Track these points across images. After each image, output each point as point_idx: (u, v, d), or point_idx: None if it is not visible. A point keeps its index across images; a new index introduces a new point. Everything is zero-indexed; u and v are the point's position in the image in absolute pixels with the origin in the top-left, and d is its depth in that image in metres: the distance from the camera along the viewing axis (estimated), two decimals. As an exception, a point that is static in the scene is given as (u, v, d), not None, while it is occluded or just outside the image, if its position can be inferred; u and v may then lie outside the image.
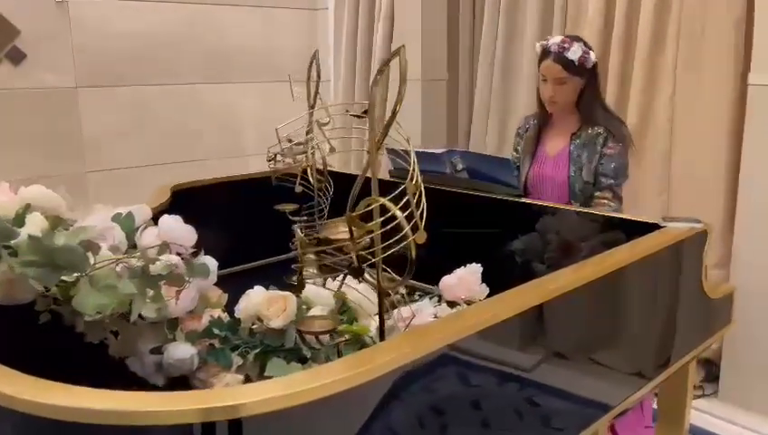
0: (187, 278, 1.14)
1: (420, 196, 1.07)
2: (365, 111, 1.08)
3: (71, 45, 3.59)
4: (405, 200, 1.03)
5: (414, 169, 1.08)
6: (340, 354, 1.22)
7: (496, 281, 1.64)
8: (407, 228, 1.03)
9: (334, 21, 4.30)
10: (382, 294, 1.10)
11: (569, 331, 1.36)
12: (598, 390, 1.45)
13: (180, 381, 1.41)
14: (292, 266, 1.10)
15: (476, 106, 3.59)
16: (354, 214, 1.01)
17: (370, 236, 1.02)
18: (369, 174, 1.13)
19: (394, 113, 1.05)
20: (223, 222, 2.10)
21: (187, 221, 1.75)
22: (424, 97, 3.49)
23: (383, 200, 1.06)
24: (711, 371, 2.81)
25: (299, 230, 1.07)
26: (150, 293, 1.06)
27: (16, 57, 3.45)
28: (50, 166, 3.60)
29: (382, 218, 1.02)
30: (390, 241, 1.04)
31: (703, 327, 1.73)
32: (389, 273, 1.16)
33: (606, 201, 2.17)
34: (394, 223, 1.04)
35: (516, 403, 1.25)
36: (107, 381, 1.44)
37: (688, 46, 2.75)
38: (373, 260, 1.06)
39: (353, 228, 1.01)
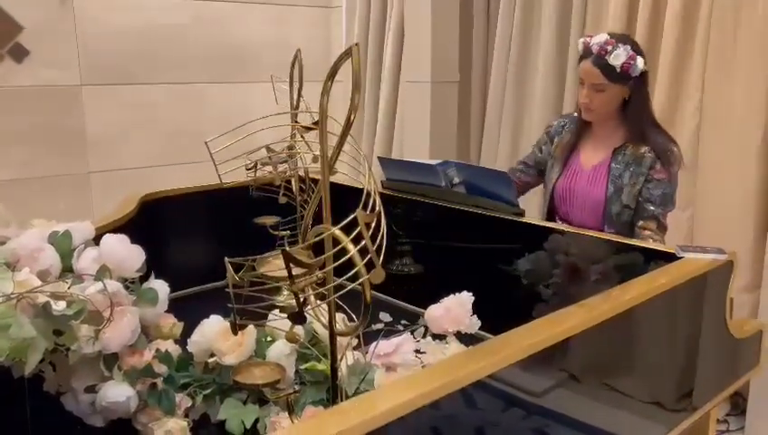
0: (110, 315, 0.96)
1: (379, 226, 0.88)
2: (315, 122, 0.90)
3: (75, 42, 3.49)
4: (356, 232, 0.84)
5: (373, 194, 0.90)
6: (290, 408, 1.04)
7: (494, 306, 1.48)
8: (360, 265, 0.85)
9: (346, 19, 4.16)
10: (334, 342, 0.92)
11: (577, 371, 1.18)
12: (620, 429, 1.27)
13: (122, 422, 1.26)
14: (228, 305, 0.93)
15: (489, 110, 3.39)
16: (293, 248, 0.83)
17: (308, 276, 0.84)
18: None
19: (347, 125, 0.87)
20: (197, 235, 1.96)
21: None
22: (433, 100, 3.30)
23: (334, 230, 0.88)
24: (737, 404, 2.58)
25: (229, 265, 0.89)
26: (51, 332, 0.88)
27: (19, 54, 3.36)
28: (52, 166, 3.51)
29: (323, 257, 0.84)
30: (338, 282, 0.85)
31: (727, 370, 1.53)
32: (346, 310, 0.98)
33: (650, 232, 1.86)
34: (345, 258, 0.86)
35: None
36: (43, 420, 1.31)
37: (718, 48, 2.53)
38: (321, 303, 0.88)
39: (292, 266, 0.83)
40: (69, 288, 1.09)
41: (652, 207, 1.88)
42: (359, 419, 0.73)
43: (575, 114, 2.06)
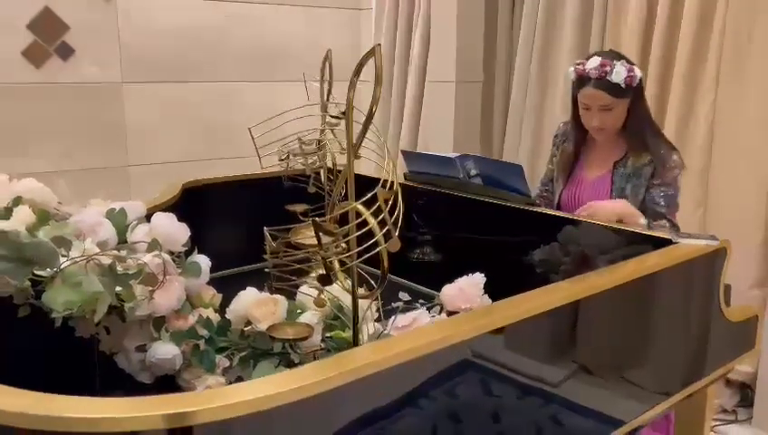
0: (162, 278, 1.12)
1: (396, 202, 1.02)
2: (343, 113, 1.04)
3: (118, 41, 3.67)
4: (376, 206, 0.98)
5: (391, 174, 1.03)
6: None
7: (505, 290, 1.60)
8: (378, 235, 0.98)
9: (375, 21, 4.29)
10: (356, 301, 1.06)
11: (569, 343, 1.30)
12: (606, 404, 1.39)
13: (167, 380, 1.41)
14: (266, 270, 1.07)
15: (512, 109, 3.51)
16: (321, 219, 0.97)
17: (336, 242, 0.98)
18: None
19: (370, 116, 1.01)
20: (233, 221, 2.11)
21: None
22: (458, 99, 3.42)
23: (357, 204, 1.02)
24: (746, 395, 2.66)
25: (268, 234, 1.04)
26: (119, 290, 1.04)
27: (65, 52, 3.54)
28: (94, 158, 3.70)
29: (348, 226, 0.98)
30: (360, 248, 0.99)
31: (722, 351, 1.63)
32: (368, 280, 1.12)
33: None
34: (365, 229, 1.00)
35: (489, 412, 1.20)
36: (95, 376, 1.47)
37: (733, 48, 2.61)
38: (343, 268, 1.02)
39: (321, 235, 0.97)
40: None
41: (659, 208, 1.92)
42: (376, 357, 0.87)
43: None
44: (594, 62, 1.91)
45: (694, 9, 2.70)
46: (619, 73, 1.86)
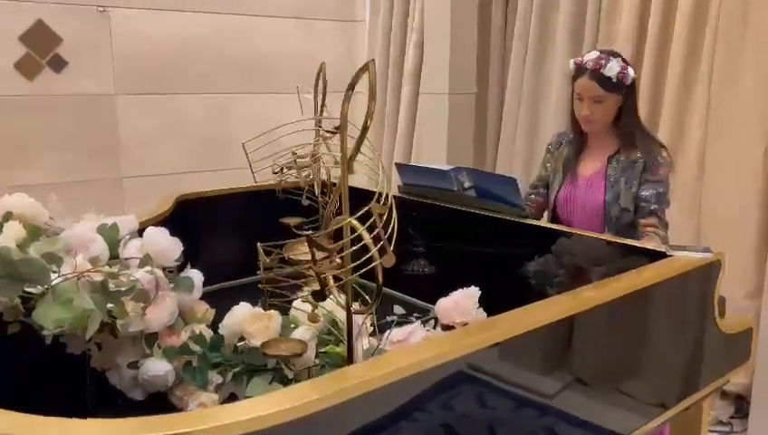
0: (154, 295, 1.11)
1: (391, 217, 1.01)
2: (337, 127, 1.03)
3: (111, 54, 3.67)
4: (371, 221, 0.97)
5: (384, 189, 1.03)
6: (310, 379, 1.17)
7: (500, 302, 1.60)
8: (373, 250, 0.98)
9: (368, 34, 4.31)
10: (350, 317, 1.05)
11: (566, 356, 1.30)
12: (602, 417, 1.38)
13: (159, 397, 1.39)
14: (259, 286, 1.06)
15: (505, 121, 3.52)
16: (317, 234, 0.97)
17: (329, 258, 0.98)
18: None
19: (364, 129, 1.00)
20: (227, 234, 2.10)
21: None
22: (451, 111, 3.43)
23: (351, 219, 1.01)
24: (741, 407, 2.66)
25: (261, 250, 1.03)
26: (110, 307, 1.03)
27: (58, 64, 3.54)
28: (88, 170, 3.69)
29: (342, 242, 0.97)
30: (355, 264, 0.99)
31: (717, 363, 1.63)
32: (362, 294, 1.11)
33: (653, 229, 1.97)
34: (360, 244, 0.99)
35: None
36: (85, 394, 1.45)
37: (725, 58, 2.63)
38: (338, 284, 1.01)
39: (315, 250, 0.96)
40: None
41: (649, 205, 2.01)
42: (371, 375, 0.86)
43: (569, 133, 2.21)
44: (592, 55, 2.05)
45: (685, 21, 2.72)
46: (612, 68, 1.99)
